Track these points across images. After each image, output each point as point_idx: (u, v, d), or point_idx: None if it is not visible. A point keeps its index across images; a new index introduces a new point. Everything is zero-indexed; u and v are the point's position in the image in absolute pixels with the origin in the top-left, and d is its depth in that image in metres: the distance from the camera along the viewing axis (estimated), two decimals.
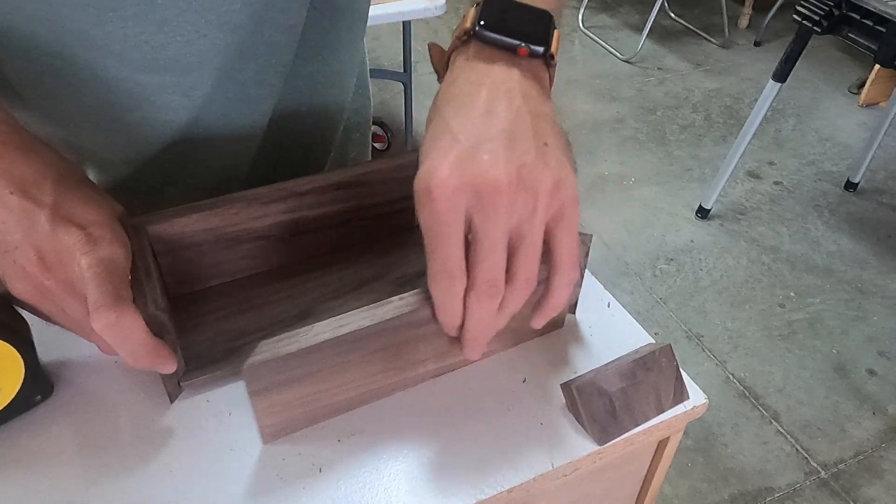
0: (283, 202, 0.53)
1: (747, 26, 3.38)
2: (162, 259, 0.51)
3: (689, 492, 1.54)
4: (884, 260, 2.14)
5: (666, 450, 0.53)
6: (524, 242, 0.41)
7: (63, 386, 0.49)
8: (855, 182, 2.39)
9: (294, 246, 0.56)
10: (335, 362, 0.44)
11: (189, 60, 0.52)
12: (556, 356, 0.53)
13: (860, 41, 1.72)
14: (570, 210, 0.42)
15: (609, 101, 2.81)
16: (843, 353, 1.86)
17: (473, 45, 0.44)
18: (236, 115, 0.59)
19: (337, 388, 0.46)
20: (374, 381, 0.47)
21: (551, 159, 0.41)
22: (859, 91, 2.86)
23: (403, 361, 0.48)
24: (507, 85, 0.42)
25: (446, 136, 0.41)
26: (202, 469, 0.44)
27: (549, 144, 0.42)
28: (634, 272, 2.07)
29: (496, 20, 0.44)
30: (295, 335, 0.42)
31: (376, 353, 0.46)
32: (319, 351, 0.43)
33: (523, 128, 0.41)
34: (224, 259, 0.54)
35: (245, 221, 0.53)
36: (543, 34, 0.45)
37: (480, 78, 0.43)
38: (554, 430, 0.48)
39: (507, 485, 0.44)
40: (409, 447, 0.46)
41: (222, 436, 0.46)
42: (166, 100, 0.55)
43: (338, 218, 0.56)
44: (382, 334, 0.45)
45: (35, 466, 0.44)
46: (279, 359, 0.41)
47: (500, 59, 0.43)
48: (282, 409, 0.45)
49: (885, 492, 1.56)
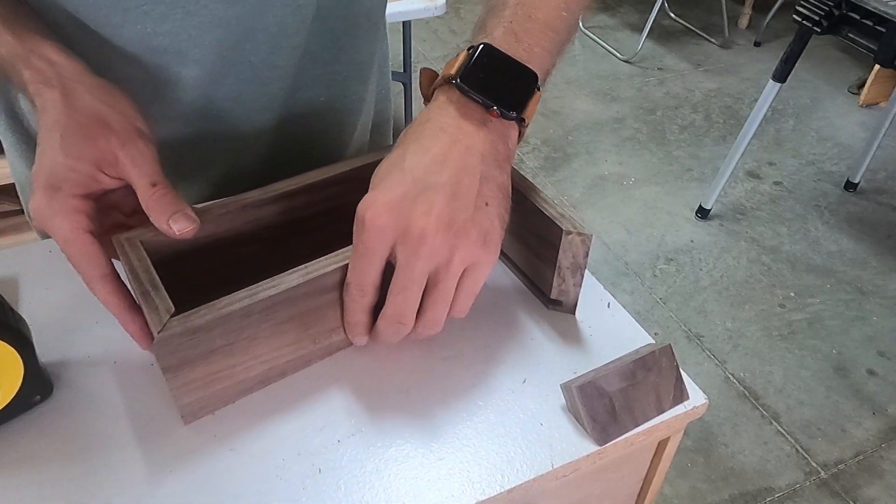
0: (275, 203, 0.53)
1: (747, 26, 3.37)
2: (158, 271, 0.50)
3: (689, 492, 1.54)
4: (884, 260, 2.14)
5: (666, 450, 0.53)
6: (437, 287, 0.45)
7: (62, 386, 0.49)
8: (855, 182, 2.39)
9: (290, 246, 0.56)
10: (246, 334, 0.45)
11: (190, 33, 0.53)
12: (556, 356, 0.53)
13: (860, 41, 1.72)
14: (485, 263, 0.45)
15: (609, 101, 2.81)
16: (843, 353, 1.86)
17: (448, 91, 0.46)
18: (248, 97, 0.59)
19: (252, 361, 0.47)
20: (287, 352, 0.48)
21: (485, 219, 0.44)
22: (859, 91, 2.86)
23: (315, 331, 0.49)
24: (469, 141, 0.44)
25: (397, 172, 0.43)
26: (202, 469, 0.44)
27: (489, 205, 0.45)
28: (634, 272, 2.07)
29: (477, 75, 0.45)
30: (202, 309, 0.43)
31: (286, 324, 0.47)
32: (228, 322, 0.43)
33: (469, 185, 0.43)
34: (220, 265, 0.53)
35: (239, 225, 0.53)
36: (520, 98, 0.46)
37: (449, 127, 0.45)
38: (554, 430, 0.48)
39: (507, 485, 0.44)
40: (409, 447, 0.46)
41: (222, 436, 0.46)
42: (173, 74, 0.55)
43: (332, 215, 0.56)
44: (290, 303, 0.46)
45: (34, 467, 0.44)
46: (189, 332, 0.42)
47: (473, 113, 0.45)
48: (198, 385, 0.45)
49: (885, 492, 1.56)
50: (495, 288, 0.58)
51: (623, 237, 2.18)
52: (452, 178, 0.43)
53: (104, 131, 0.45)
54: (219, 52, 0.55)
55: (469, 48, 0.46)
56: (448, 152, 0.44)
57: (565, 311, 0.56)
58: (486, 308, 0.56)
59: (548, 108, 2.74)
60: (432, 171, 0.43)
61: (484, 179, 0.44)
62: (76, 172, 0.45)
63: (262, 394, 0.49)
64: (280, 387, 0.50)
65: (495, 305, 0.56)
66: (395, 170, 0.44)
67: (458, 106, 0.45)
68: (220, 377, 0.46)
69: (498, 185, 0.45)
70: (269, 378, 0.49)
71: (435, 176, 0.43)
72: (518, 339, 0.54)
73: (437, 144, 0.44)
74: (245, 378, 0.47)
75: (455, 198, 0.43)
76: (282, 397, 0.49)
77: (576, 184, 2.38)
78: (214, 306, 0.43)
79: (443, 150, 0.44)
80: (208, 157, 0.63)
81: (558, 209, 0.52)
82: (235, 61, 0.56)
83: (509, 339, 0.54)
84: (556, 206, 0.52)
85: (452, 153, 0.44)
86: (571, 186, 2.37)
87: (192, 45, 0.53)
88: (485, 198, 0.44)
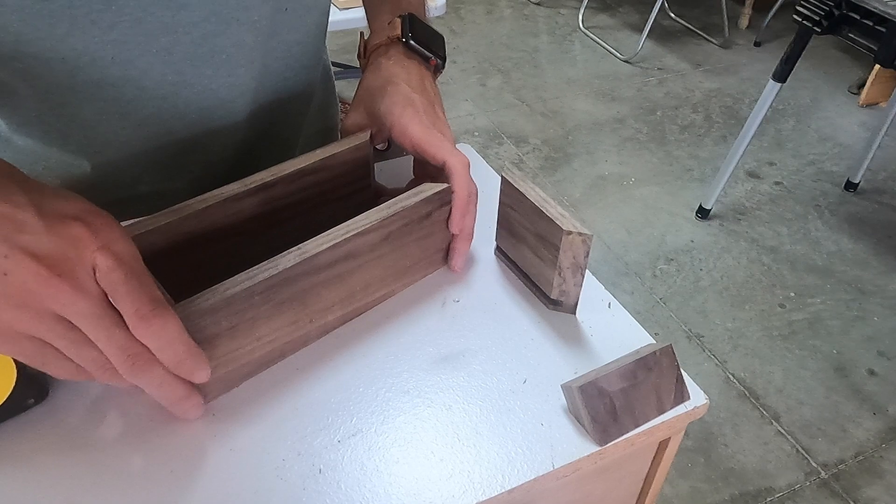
0: (254, 196, 0.54)
1: (747, 26, 3.37)
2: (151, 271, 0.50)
3: (690, 492, 1.54)
4: (884, 260, 2.14)
5: (666, 450, 0.53)
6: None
7: (57, 389, 0.48)
8: (855, 182, 2.39)
9: (270, 237, 0.56)
10: (249, 315, 0.46)
11: (138, 41, 0.52)
12: (556, 356, 0.52)
13: (860, 41, 1.72)
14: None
15: (609, 101, 2.81)
16: (843, 353, 1.86)
17: (396, 47, 0.61)
18: (218, 85, 0.59)
19: (254, 344, 0.48)
20: (287, 332, 0.49)
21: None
22: (859, 91, 2.86)
23: (311, 310, 0.50)
24: (430, 82, 0.63)
25: (419, 113, 0.58)
26: (202, 469, 0.44)
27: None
28: (634, 272, 2.07)
29: (416, 37, 0.61)
30: (206, 293, 0.43)
31: (285, 304, 0.48)
32: (230, 305, 0.44)
33: (441, 109, 0.61)
34: (203, 259, 0.53)
35: (220, 219, 0.53)
36: (444, 52, 0.64)
37: (417, 72, 0.61)
38: (554, 430, 0.47)
39: (507, 485, 0.44)
40: (409, 447, 0.46)
41: (222, 436, 0.46)
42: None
43: (308, 203, 0.58)
44: (288, 283, 0.47)
45: (28, 471, 0.44)
46: (195, 316, 0.42)
47: (421, 62, 0.62)
48: (211, 368, 0.44)
49: (885, 492, 1.55)
50: (495, 288, 0.58)
51: (623, 237, 2.18)
52: (439, 110, 0.60)
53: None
54: (169, 60, 0.55)
55: (398, 16, 0.62)
56: (428, 92, 0.60)
57: (565, 311, 0.56)
58: (487, 308, 0.56)
59: (548, 108, 2.74)
60: (430, 111, 0.58)
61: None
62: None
63: (262, 393, 0.49)
64: (280, 386, 0.50)
65: (495, 305, 0.56)
66: (417, 110, 0.56)
67: (409, 59, 0.61)
68: (225, 361, 0.46)
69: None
70: (270, 360, 0.50)
71: (434, 116, 0.58)
72: (518, 339, 0.54)
73: (422, 87, 0.59)
74: (248, 361, 0.48)
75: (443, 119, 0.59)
76: (282, 397, 0.49)
77: (576, 184, 2.38)
78: (217, 290, 0.44)
79: (427, 91, 0.60)
80: (176, 161, 0.63)
81: (558, 209, 0.52)
82: (203, 53, 0.56)
83: (509, 339, 0.54)
84: (556, 205, 0.52)
85: (428, 92, 0.60)
86: (571, 186, 2.37)
87: (140, 52, 0.53)
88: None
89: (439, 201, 0.54)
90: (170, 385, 0.42)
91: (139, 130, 0.59)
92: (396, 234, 0.53)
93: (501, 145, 2.53)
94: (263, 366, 0.50)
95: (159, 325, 0.38)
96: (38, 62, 0.51)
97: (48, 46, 0.50)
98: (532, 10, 3.48)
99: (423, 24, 0.63)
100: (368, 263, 0.52)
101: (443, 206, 0.55)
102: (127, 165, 0.62)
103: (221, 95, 0.59)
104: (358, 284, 0.53)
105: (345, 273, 0.51)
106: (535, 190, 0.54)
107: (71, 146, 0.59)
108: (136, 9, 0.51)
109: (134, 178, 0.63)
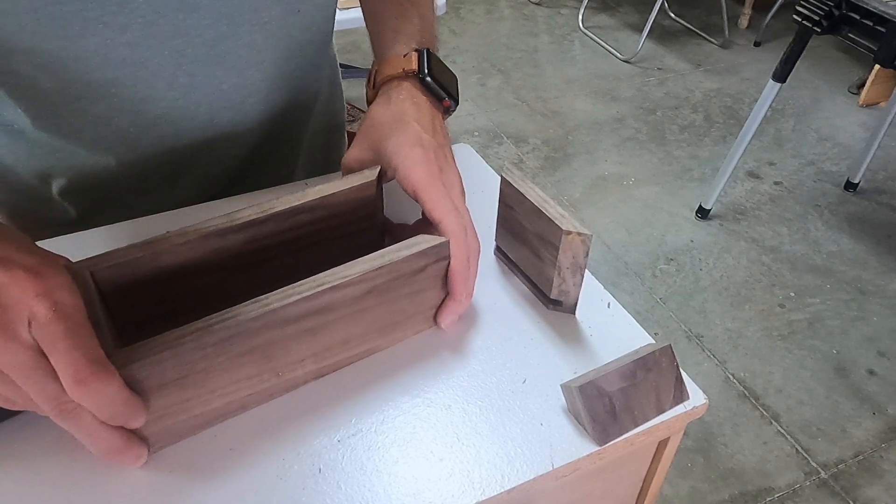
0: (239, 232, 0.50)
1: (747, 26, 3.37)
2: (118, 303, 0.47)
3: (689, 492, 1.54)
4: (884, 260, 2.14)
5: (666, 450, 0.53)
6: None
7: None
8: (855, 182, 2.39)
9: (256, 274, 0.53)
10: (199, 367, 0.42)
11: (150, 43, 0.53)
12: (556, 356, 0.53)
13: (860, 41, 1.72)
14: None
15: (609, 101, 2.81)
16: (843, 353, 1.86)
17: (411, 82, 0.57)
18: (228, 86, 0.59)
19: (207, 396, 0.44)
20: (247, 385, 0.46)
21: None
22: (859, 91, 2.86)
23: (277, 363, 0.46)
24: (440, 123, 0.58)
25: (425, 150, 0.54)
26: (202, 469, 0.44)
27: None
28: (634, 272, 2.07)
29: (433, 73, 0.58)
30: (152, 341, 0.40)
31: (245, 356, 0.44)
32: (179, 356, 0.41)
33: (450, 155, 0.57)
34: (181, 293, 0.50)
35: (200, 255, 0.49)
36: (457, 94, 0.60)
37: (428, 112, 0.57)
38: (554, 430, 0.48)
39: (507, 485, 0.44)
40: (409, 447, 0.46)
41: (222, 436, 0.46)
42: (136, 84, 0.55)
43: (301, 242, 0.54)
44: (247, 335, 0.43)
45: (28, 471, 0.44)
46: (136, 366, 0.39)
47: (432, 101, 0.58)
48: (156, 418, 0.43)
49: (885, 492, 1.56)
50: (495, 288, 0.58)
51: (623, 237, 2.18)
52: (449, 154, 0.56)
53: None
54: (180, 62, 0.55)
55: (416, 50, 0.58)
56: (439, 134, 0.56)
57: (565, 311, 0.56)
58: (487, 308, 0.56)
59: (548, 108, 2.74)
60: (440, 154, 0.55)
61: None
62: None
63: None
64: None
65: (495, 305, 0.56)
66: (426, 153, 0.53)
67: (423, 95, 0.58)
68: (174, 411, 0.44)
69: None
70: (230, 412, 0.47)
71: (444, 160, 0.55)
72: (518, 339, 0.54)
73: (433, 128, 0.56)
74: (202, 412, 0.45)
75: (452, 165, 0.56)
76: (282, 397, 0.49)
77: (576, 184, 2.38)
78: (165, 339, 0.41)
79: (438, 133, 0.56)
80: (182, 165, 0.63)
81: (558, 209, 0.52)
82: (215, 58, 0.56)
83: (509, 339, 0.54)
84: (555, 205, 0.52)
85: (438, 133, 0.56)
86: (571, 186, 2.37)
87: (152, 54, 0.53)
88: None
89: (436, 255, 0.50)
90: (102, 435, 0.40)
91: (150, 129, 0.59)
92: (383, 287, 0.48)
93: (501, 145, 2.53)
94: (222, 417, 0.47)
95: (96, 389, 0.36)
96: (54, 59, 0.51)
97: (62, 46, 0.50)
98: (532, 10, 3.48)
99: (440, 62, 0.59)
100: (347, 317, 0.48)
101: (439, 260, 0.50)
102: (137, 162, 0.62)
103: (232, 97, 0.59)
104: (335, 339, 0.48)
105: (317, 327, 0.46)
106: (534, 190, 0.54)
107: (83, 141, 0.60)
108: (149, 11, 0.51)
109: (143, 176, 0.63)
